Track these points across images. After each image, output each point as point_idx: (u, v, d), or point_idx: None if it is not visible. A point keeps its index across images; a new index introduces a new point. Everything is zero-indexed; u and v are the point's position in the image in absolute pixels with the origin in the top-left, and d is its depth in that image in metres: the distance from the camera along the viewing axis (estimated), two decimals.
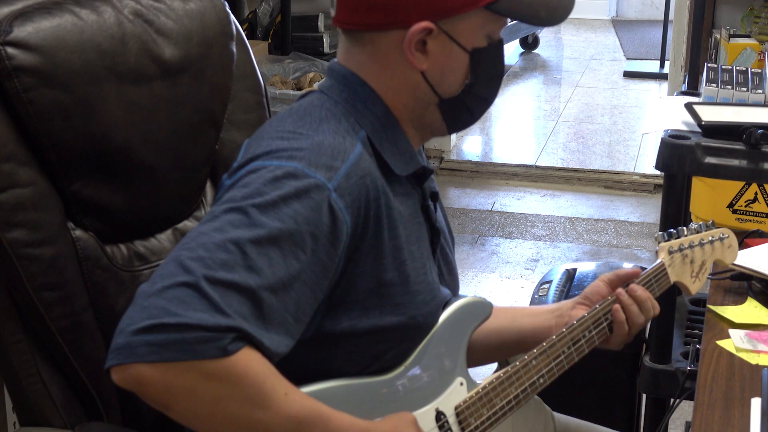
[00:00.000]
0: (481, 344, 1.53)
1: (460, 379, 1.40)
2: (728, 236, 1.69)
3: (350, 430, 1.22)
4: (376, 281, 1.30)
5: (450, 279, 1.50)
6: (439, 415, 1.36)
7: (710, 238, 1.65)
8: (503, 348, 1.58)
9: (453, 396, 1.38)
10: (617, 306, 1.50)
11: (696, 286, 1.64)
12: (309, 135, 1.27)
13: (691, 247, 1.62)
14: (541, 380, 1.43)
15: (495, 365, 1.64)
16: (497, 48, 1.37)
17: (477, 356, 1.52)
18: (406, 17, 1.30)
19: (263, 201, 1.18)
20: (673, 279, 1.60)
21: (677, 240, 1.61)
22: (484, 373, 1.46)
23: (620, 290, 1.52)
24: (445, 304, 1.43)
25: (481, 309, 1.46)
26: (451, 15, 1.31)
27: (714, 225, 1.68)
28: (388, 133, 1.35)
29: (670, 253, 1.59)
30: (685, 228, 1.63)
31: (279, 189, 1.19)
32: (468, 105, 1.38)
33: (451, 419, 1.37)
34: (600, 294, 1.54)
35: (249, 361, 1.13)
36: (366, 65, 1.35)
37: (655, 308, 1.53)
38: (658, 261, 1.59)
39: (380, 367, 1.35)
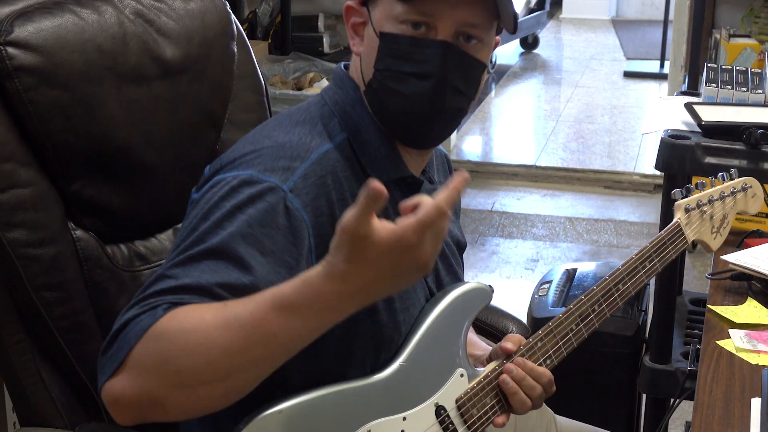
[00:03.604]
0: None
1: (460, 371, 1.36)
2: (751, 186, 1.61)
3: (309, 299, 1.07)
4: None
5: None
6: (439, 410, 1.33)
7: (732, 190, 1.58)
8: None
9: (454, 389, 1.35)
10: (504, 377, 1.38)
11: (717, 242, 1.57)
12: (277, 138, 1.30)
13: (710, 201, 1.55)
14: (548, 361, 1.41)
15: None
16: (413, 39, 1.29)
17: None
18: None
19: (220, 215, 1.20)
20: (691, 237, 1.54)
21: (694, 196, 1.54)
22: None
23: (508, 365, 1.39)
24: (439, 295, 1.39)
25: (480, 296, 1.40)
26: None
27: (737, 174, 1.59)
28: (371, 137, 1.35)
29: (687, 210, 1.54)
30: (706, 181, 1.55)
31: (234, 198, 1.22)
32: (381, 93, 1.33)
33: (452, 413, 1.34)
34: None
35: (175, 313, 1.09)
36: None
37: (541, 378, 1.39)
38: (674, 221, 1.52)
39: (372, 366, 1.31)
